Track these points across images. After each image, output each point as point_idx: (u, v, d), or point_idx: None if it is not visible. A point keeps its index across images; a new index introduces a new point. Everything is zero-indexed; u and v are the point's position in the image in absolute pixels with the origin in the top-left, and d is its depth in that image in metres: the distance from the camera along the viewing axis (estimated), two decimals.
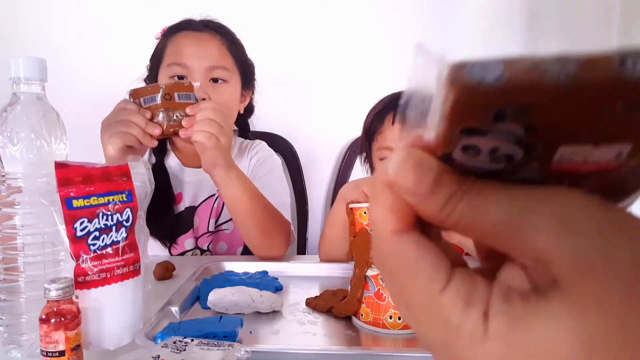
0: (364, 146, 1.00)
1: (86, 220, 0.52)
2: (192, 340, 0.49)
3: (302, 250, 1.44)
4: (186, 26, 1.06)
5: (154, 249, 1.03)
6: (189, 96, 0.84)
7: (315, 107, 1.55)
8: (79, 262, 0.52)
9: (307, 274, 0.86)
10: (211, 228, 1.09)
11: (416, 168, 0.17)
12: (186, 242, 1.06)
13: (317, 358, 0.53)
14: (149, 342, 0.53)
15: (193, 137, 0.82)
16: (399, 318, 0.60)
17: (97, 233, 0.52)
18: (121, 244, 0.54)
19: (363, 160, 1.05)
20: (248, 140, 1.21)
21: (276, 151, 1.26)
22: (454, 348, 0.17)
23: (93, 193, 0.52)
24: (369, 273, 0.62)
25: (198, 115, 0.82)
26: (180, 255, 1.06)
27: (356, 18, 1.53)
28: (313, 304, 0.69)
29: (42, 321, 0.47)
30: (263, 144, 1.21)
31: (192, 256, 1.06)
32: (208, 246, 1.09)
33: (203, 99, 0.94)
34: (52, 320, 0.47)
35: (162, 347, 0.48)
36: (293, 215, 1.40)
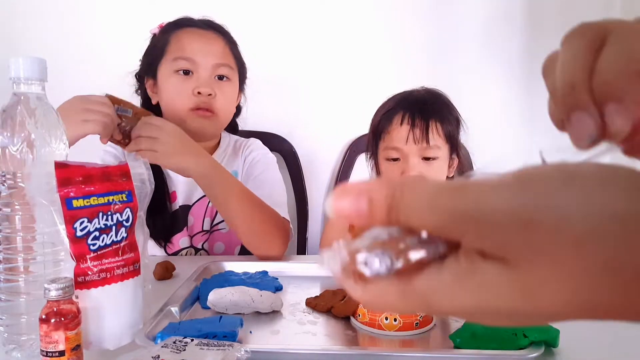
0: (371, 145, 0.99)
1: (86, 220, 0.52)
2: (192, 340, 0.50)
3: (302, 250, 1.44)
4: (188, 23, 1.06)
5: (150, 248, 1.03)
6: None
7: (315, 107, 1.55)
8: (79, 262, 0.52)
9: (307, 274, 0.86)
10: (206, 227, 1.08)
11: (349, 194, 0.22)
12: (181, 241, 1.06)
13: (317, 358, 0.53)
14: (149, 342, 0.53)
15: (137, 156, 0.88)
16: (395, 319, 0.60)
17: (97, 233, 0.52)
18: (121, 244, 0.54)
19: (368, 157, 1.05)
20: (242, 138, 1.21)
21: (276, 151, 1.26)
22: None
23: (93, 193, 0.52)
24: None
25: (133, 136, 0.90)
26: (174, 254, 1.06)
27: (356, 18, 1.53)
28: (313, 304, 0.69)
29: (42, 321, 0.47)
30: (257, 142, 1.20)
31: (192, 256, 1.06)
32: (203, 245, 1.08)
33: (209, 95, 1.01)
34: (52, 320, 0.47)
35: (162, 347, 0.48)
36: (292, 215, 1.40)
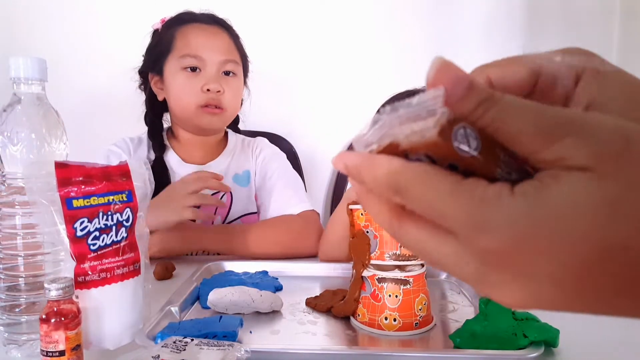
0: None
1: (86, 220, 0.52)
2: (192, 340, 0.50)
3: None
4: (193, 18, 1.06)
5: None
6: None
7: (315, 107, 1.55)
8: (79, 262, 0.52)
9: (307, 274, 0.86)
10: (218, 224, 1.09)
11: (452, 73, 0.19)
12: None
13: (317, 358, 0.53)
14: (149, 342, 0.53)
15: None
16: (394, 319, 0.60)
17: (97, 233, 0.52)
18: (121, 244, 0.54)
19: None
20: (249, 137, 1.22)
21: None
22: (481, 208, 0.19)
23: (93, 193, 0.52)
24: (366, 274, 0.62)
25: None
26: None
27: (356, 18, 1.53)
28: (313, 304, 0.69)
29: (42, 321, 0.47)
30: (265, 141, 1.22)
31: (192, 256, 1.06)
32: None
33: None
34: (52, 320, 0.47)
35: (162, 347, 0.48)
36: None
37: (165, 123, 1.16)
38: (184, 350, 0.47)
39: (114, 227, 0.54)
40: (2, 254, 0.55)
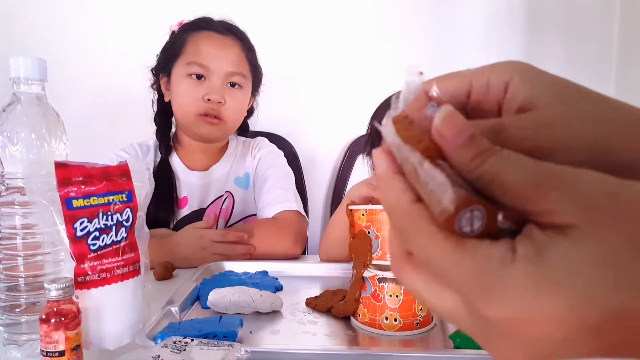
0: (374, 139, 1.00)
1: (86, 220, 0.52)
2: (192, 340, 0.49)
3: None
4: (207, 26, 1.06)
5: None
6: None
7: (315, 108, 1.55)
8: (79, 262, 0.52)
9: (307, 274, 0.86)
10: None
11: (457, 123, 0.21)
12: None
13: (317, 358, 0.53)
14: (149, 342, 0.53)
15: None
16: (395, 319, 0.60)
17: (97, 233, 0.52)
18: (121, 244, 0.54)
19: (366, 154, 1.05)
20: (250, 138, 1.23)
21: (279, 150, 1.26)
22: (485, 276, 0.19)
23: (93, 193, 0.52)
24: (366, 274, 0.62)
25: None
26: None
27: (356, 18, 1.53)
28: (313, 304, 0.69)
29: (42, 321, 0.47)
30: (264, 140, 1.22)
31: None
32: None
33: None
34: (52, 320, 0.47)
35: (162, 347, 0.48)
36: None
37: (172, 126, 1.16)
38: (184, 350, 0.47)
39: (114, 227, 0.54)
40: (2, 254, 0.55)
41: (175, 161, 1.12)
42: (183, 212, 1.09)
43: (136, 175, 0.57)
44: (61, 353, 0.47)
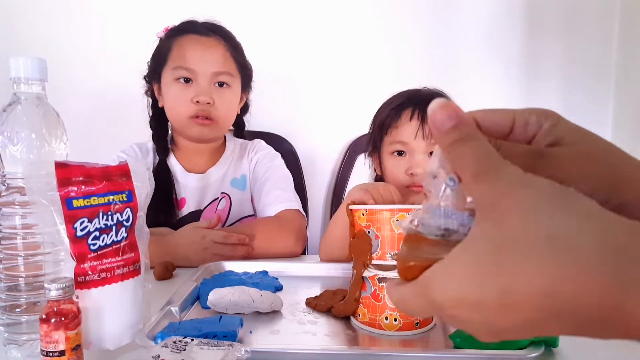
0: (376, 139, 1.00)
1: (86, 220, 0.52)
2: (192, 340, 0.50)
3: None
4: (191, 29, 1.07)
5: None
6: None
7: (315, 107, 1.55)
8: (79, 262, 0.52)
9: (307, 274, 0.86)
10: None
11: (448, 109, 0.26)
12: None
13: (317, 358, 0.53)
14: (149, 342, 0.53)
15: None
16: (395, 319, 0.60)
17: (97, 233, 0.52)
18: (121, 244, 0.54)
19: (368, 154, 1.05)
20: (247, 140, 1.23)
21: (276, 151, 1.26)
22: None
23: (93, 193, 0.52)
24: (366, 274, 0.62)
25: None
26: None
27: (356, 18, 1.53)
28: (313, 304, 0.69)
29: (42, 321, 0.47)
30: (262, 143, 1.23)
31: None
32: None
33: None
34: (52, 320, 0.47)
35: (162, 347, 0.48)
36: None
37: (169, 129, 1.17)
38: (184, 350, 0.47)
39: (114, 227, 0.54)
40: (3, 254, 0.55)
41: (173, 163, 1.13)
42: (182, 214, 1.10)
43: (136, 175, 0.57)
44: (61, 353, 0.47)
